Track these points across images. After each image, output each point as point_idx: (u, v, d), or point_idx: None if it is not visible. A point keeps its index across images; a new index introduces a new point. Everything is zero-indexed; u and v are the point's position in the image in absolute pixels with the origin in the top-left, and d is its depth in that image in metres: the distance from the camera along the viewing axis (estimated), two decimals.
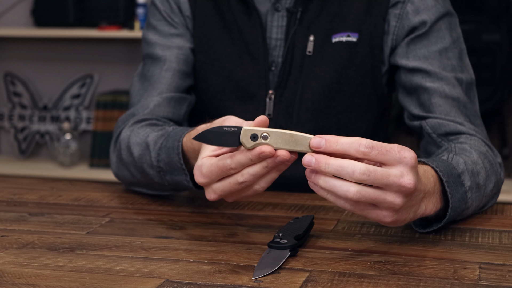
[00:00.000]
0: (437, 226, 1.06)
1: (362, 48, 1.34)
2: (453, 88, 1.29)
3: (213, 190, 0.99)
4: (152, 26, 1.42)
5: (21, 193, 1.33)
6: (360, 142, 0.90)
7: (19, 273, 0.92)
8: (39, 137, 3.48)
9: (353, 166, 0.89)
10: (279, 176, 0.97)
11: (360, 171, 0.89)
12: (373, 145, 0.90)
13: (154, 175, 1.22)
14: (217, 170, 0.96)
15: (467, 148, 1.17)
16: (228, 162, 0.95)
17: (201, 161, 0.99)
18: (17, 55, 3.52)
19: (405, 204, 0.94)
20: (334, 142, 0.91)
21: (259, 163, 0.94)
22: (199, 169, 0.98)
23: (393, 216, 0.94)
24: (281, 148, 0.93)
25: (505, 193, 2.86)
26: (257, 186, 0.97)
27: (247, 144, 0.93)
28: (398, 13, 1.33)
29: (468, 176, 1.09)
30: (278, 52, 1.37)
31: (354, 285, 0.87)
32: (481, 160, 1.15)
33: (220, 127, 0.95)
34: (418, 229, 1.07)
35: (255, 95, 1.37)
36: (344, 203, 0.92)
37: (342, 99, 1.36)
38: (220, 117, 1.38)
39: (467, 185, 1.08)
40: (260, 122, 0.95)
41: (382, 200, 0.92)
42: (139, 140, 1.25)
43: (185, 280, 0.89)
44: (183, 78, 1.38)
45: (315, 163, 0.90)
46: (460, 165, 1.09)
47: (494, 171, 1.18)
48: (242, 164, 0.94)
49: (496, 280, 0.89)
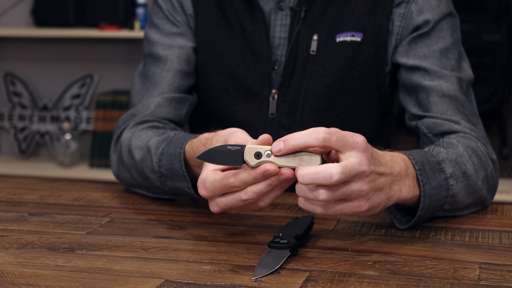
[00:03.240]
0: (416, 216, 1.05)
1: (366, 48, 1.34)
2: (451, 86, 1.29)
3: (216, 203, 0.99)
4: (154, 25, 1.42)
5: (21, 193, 1.33)
6: (318, 129, 0.91)
7: (19, 273, 0.92)
8: (39, 137, 3.48)
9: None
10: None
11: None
12: (330, 131, 0.91)
13: (155, 179, 1.22)
14: (221, 187, 0.96)
15: (454, 143, 1.17)
16: (232, 181, 0.95)
17: (205, 174, 0.99)
18: (17, 55, 3.52)
19: (372, 188, 0.94)
20: (291, 138, 0.92)
21: (263, 181, 0.94)
22: (203, 182, 0.98)
23: (366, 203, 0.94)
24: (285, 166, 0.93)
25: (505, 193, 2.87)
26: (261, 203, 0.97)
27: (251, 163, 0.93)
28: (403, 12, 1.33)
29: (450, 164, 1.09)
30: (282, 51, 1.37)
31: (354, 285, 0.87)
32: (467, 154, 1.15)
33: (223, 146, 0.95)
34: (402, 226, 1.07)
35: (258, 94, 1.37)
36: (315, 208, 0.93)
37: (345, 99, 1.36)
38: (222, 116, 1.39)
39: (448, 172, 1.08)
40: (263, 140, 0.95)
41: (350, 192, 0.92)
42: (141, 144, 1.25)
43: (185, 280, 0.89)
44: (184, 78, 1.38)
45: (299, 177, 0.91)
46: (441, 154, 1.09)
47: (483, 165, 1.18)
48: (246, 182, 0.95)
49: (496, 280, 0.89)
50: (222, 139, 1.03)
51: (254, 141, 0.97)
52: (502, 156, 3.08)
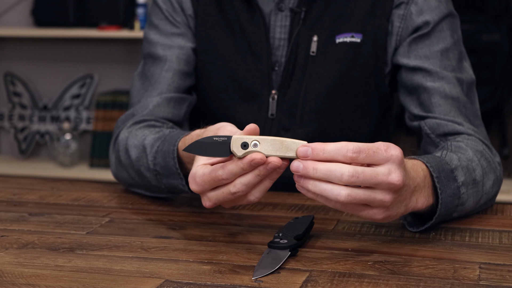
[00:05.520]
0: (430, 223, 1.06)
1: (366, 48, 1.34)
2: (453, 88, 1.29)
3: (208, 198, 0.99)
4: (154, 25, 1.42)
5: (21, 193, 1.33)
6: (347, 147, 0.90)
7: (19, 273, 0.92)
8: (39, 137, 3.48)
9: (341, 169, 0.89)
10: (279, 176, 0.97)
11: (349, 173, 0.89)
12: (360, 148, 0.90)
13: (151, 178, 1.22)
14: (210, 180, 0.96)
15: (463, 146, 1.17)
16: (220, 173, 0.94)
17: (195, 169, 0.98)
18: (17, 55, 3.52)
19: (395, 200, 0.94)
20: (320, 150, 0.90)
21: (251, 172, 0.93)
22: (193, 177, 0.98)
23: (384, 213, 0.94)
24: (272, 155, 0.92)
25: (505, 193, 2.87)
26: (251, 197, 0.96)
27: (237, 153, 0.93)
28: (402, 13, 1.33)
29: (462, 172, 1.09)
30: (282, 52, 1.37)
31: (354, 285, 0.87)
32: (477, 158, 1.15)
33: (210, 138, 0.95)
34: (413, 229, 1.07)
35: (258, 95, 1.37)
36: (335, 204, 0.92)
37: (345, 100, 1.36)
38: (222, 116, 1.39)
39: (460, 180, 1.08)
40: (250, 130, 0.94)
41: (372, 200, 0.92)
42: (137, 143, 1.25)
43: (185, 280, 0.89)
44: (183, 78, 1.38)
45: (302, 169, 0.90)
46: (453, 161, 1.09)
47: (492, 168, 1.18)
48: (234, 173, 0.94)
49: (496, 280, 0.89)
50: (211, 134, 1.02)
51: (241, 132, 0.96)
52: (502, 156, 3.08)
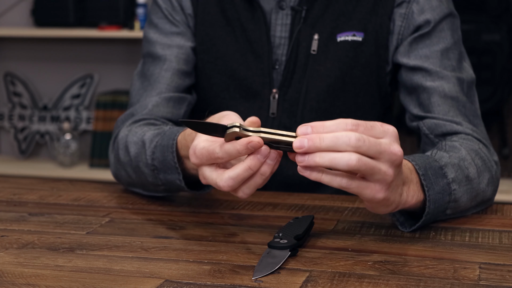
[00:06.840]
0: (421, 221, 1.05)
1: (368, 47, 1.34)
2: (453, 87, 1.29)
3: (203, 175, 0.98)
4: (153, 24, 1.42)
5: (21, 193, 1.33)
6: (346, 121, 0.91)
7: (19, 273, 0.92)
8: (39, 137, 3.49)
9: (347, 134, 0.90)
10: (279, 175, 0.97)
11: (356, 137, 0.90)
12: (358, 122, 0.91)
13: (148, 174, 1.22)
14: (207, 155, 0.95)
15: (457, 146, 1.17)
16: (217, 151, 0.94)
17: (197, 141, 0.98)
18: (17, 55, 3.52)
19: (395, 178, 0.94)
20: (320, 126, 0.91)
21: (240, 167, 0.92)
22: (193, 149, 0.98)
23: (385, 192, 0.93)
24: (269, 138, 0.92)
25: (505, 193, 2.87)
26: (240, 193, 0.96)
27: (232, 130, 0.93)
28: (404, 12, 1.33)
29: (453, 169, 1.09)
30: (282, 51, 1.37)
31: (354, 285, 0.87)
32: (470, 157, 1.15)
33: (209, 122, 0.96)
34: (405, 229, 1.07)
35: (259, 94, 1.37)
36: (340, 180, 0.91)
37: (346, 98, 1.36)
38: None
39: (450, 177, 1.08)
40: (251, 122, 0.95)
41: (378, 170, 0.91)
42: (136, 139, 1.25)
43: (185, 280, 0.89)
44: (183, 77, 1.38)
45: (308, 141, 0.90)
46: (443, 159, 1.09)
47: (488, 167, 1.18)
48: (229, 154, 0.93)
49: (496, 280, 0.89)
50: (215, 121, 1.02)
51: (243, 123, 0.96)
52: (502, 156, 3.08)
